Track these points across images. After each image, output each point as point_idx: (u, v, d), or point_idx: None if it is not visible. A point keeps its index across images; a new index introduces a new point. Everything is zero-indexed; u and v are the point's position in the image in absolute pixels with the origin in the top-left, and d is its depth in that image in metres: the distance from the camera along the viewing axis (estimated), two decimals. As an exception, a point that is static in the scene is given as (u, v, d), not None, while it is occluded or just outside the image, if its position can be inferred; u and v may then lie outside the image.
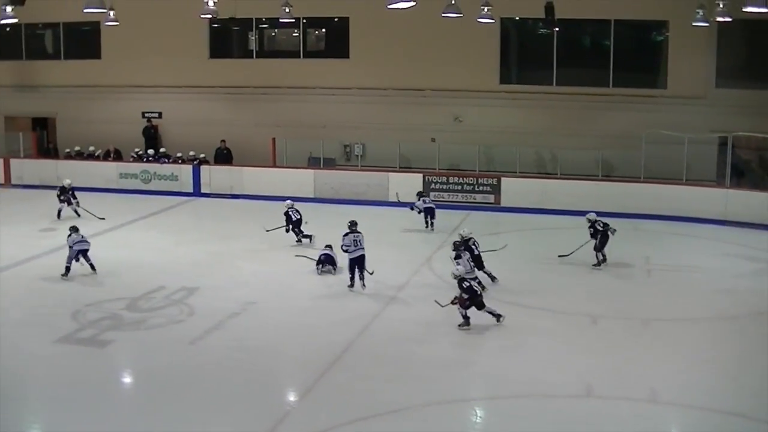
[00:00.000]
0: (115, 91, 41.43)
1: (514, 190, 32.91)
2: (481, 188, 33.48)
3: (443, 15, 29.56)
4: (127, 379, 18.43)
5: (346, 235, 23.33)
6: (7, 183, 39.11)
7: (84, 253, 24.90)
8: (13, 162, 39.69)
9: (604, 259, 25.77)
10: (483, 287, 21.57)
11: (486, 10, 31.28)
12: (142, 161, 38.32)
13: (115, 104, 41.49)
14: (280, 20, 35.59)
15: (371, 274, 23.25)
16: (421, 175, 34.01)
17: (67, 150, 40.59)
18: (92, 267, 24.87)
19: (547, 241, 28.63)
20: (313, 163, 36.85)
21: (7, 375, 17.79)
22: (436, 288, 22.90)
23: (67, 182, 33.14)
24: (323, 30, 40.72)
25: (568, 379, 17.19)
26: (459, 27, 32.79)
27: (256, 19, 39.46)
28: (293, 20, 36.05)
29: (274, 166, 36.34)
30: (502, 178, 33.48)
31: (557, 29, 36.14)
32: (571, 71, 36.62)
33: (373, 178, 34.20)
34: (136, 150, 39.11)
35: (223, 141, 38.33)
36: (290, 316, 21.22)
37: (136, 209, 33.54)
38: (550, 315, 21.36)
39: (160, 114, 40.81)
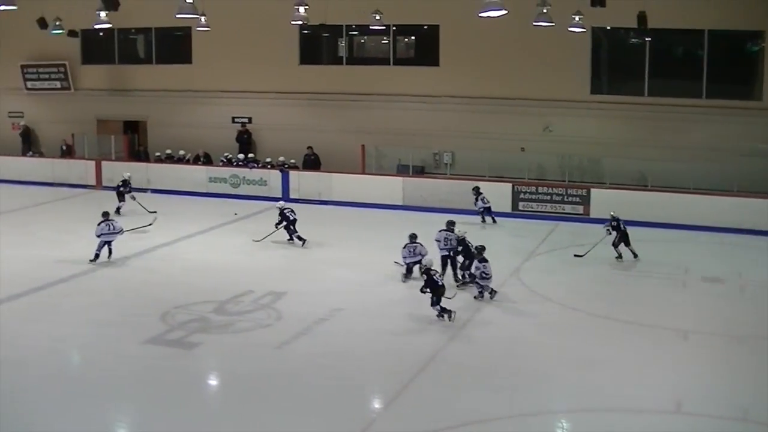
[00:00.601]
0: (205, 95, 41.84)
1: (603, 201, 32.45)
2: (570, 199, 33.22)
3: (535, 24, 29.52)
4: (213, 382, 18.62)
5: (405, 246, 24.31)
6: (99, 185, 39.70)
7: (109, 243, 26.68)
8: (105, 164, 40.28)
9: (620, 256, 27.21)
10: (493, 292, 23.03)
11: (577, 19, 31.10)
12: (232, 165, 38.60)
13: (205, 109, 41.90)
14: (370, 27, 35.85)
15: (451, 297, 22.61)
16: (510, 184, 33.86)
17: (158, 153, 41.05)
18: (110, 253, 26.78)
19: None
20: (402, 170, 36.83)
21: (97, 373, 18.18)
22: (525, 300, 22.86)
23: (127, 175, 34.50)
24: (413, 37, 40.66)
25: (656, 394, 16.98)
26: (550, 36, 32.57)
27: (346, 25, 39.54)
28: (383, 27, 36.22)
29: (363, 173, 36.38)
30: (592, 189, 33.17)
31: (649, 39, 35.75)
32: (664, 82, 36.05)
33: (461, 187, 34.05)
34: (226, 154, 39.40)
35: (310, 147, 38.46)
36: (377, 323, 21.21)
37: (224, 213, 33.80)
38: (639, 328, 21.05)
39: (249, 119, 41.08)
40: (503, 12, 23.47)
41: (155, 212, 32.15)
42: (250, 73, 40.56)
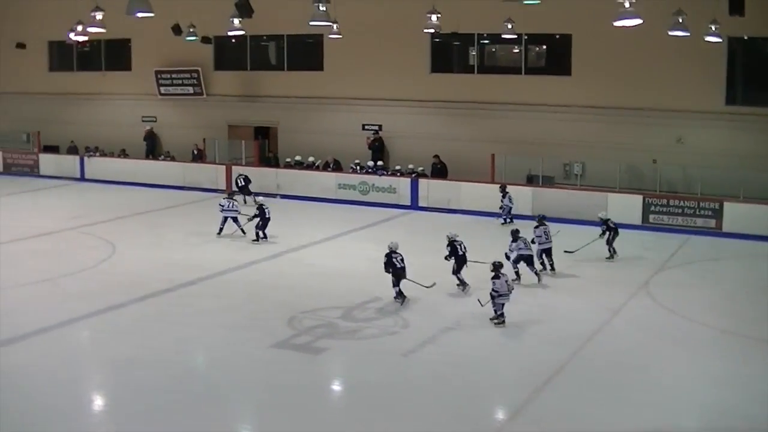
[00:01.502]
0: (336, 102, 42.04)
1: (737, 215, 31.79)
2: (702, 212, 32.52)
3: (670, 33, 29.04)
4: (339, 388, 18.67)
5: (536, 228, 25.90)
6: (229, 189, 40.04)
7: (235, 219, 30.30)
8: (235, 169, 40.71)
9: (615, 253, 28.47)
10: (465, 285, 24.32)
11: (714, 28, 30.53)
12: (361, 172, 38.72)
13: (335, 115, 42.12)
14: (502, 36, 35.67)
15: (430, 287, 23.82)
16: (640, 196, 33.32)
17: (288, 159, 41.34)
18: (242, 231, 30.22)
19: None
20: (532, 180, 36.55)
21: (224, 375, 18.39)
22: (654, 314, 22.53)
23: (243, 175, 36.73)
24: (544, 47, 40.33)
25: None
26: (684, 45, 31.97)
27: (477, 34, 39.39)
28: (515, 36, 36.01)
29: (493, 182, 36.16)
30: (725, 203, 32.43)
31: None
32: (802, 93, 35.25)
33: (591, 198, 33.66)
34: (356, 161, 39.54)
35: (437, 156, 38.34)
36: (504, 333, 21.05)
37: (353, 220, 33.93)
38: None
39: (380, 126, 41.14)
40: (638, 21, 23.18)
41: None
42: (381, 81, 40.69)
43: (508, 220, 33.85)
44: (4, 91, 51.61)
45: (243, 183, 37.87)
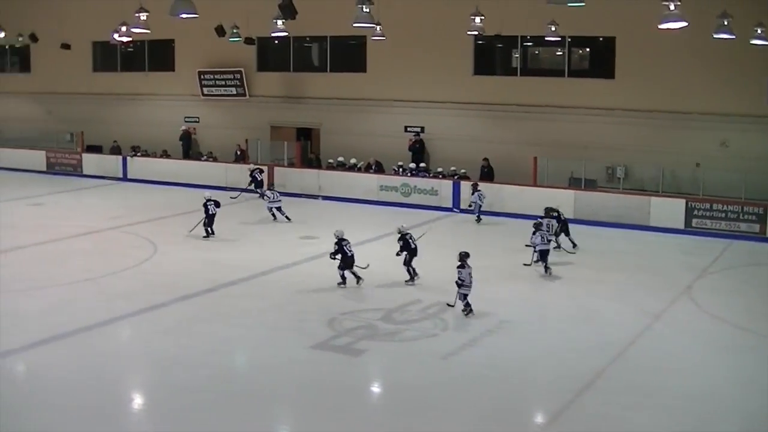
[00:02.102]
0: (378, 104, 42.06)
1: (782, 219, 31.68)
2: (746, 217, 32.23)
3: (715, 36, 28.85)
4: (378, 389, 18.62)
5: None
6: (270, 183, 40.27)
7: (278, 209, 33.02)
8: (277, 170, 40.85)
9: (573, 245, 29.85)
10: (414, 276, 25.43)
11: (759, 31, 30.31)
12: (403, 174, 38.67)
13: (377, 117, 42.14)
14: (546, 38, 35.54)
15: (365, 267, 25.29)
16: (683, 200, 33.08)
17: (330, 160, 41.37)
18: (287, 218, 32.93)
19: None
20: (574, 183, 36.35)
21: (262, 376, 18.48)
22: (696, 319, 22.40)
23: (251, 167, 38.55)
24: (587, 49, 40.15)
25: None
26: (730, 48, 31.71)
27: (521, 36, 39.27)
28: (558, 39, 35.89)
29: (535, 185, 36.02)
30: (770, 207, 32.26)
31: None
32: None
33: (633, 202, 33.50)
34: (399, 163, 39.50)
35: (486, 159, 38.24)
36: (544, 337, 20.96)
37: (394, 222, 33.81)
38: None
39: (422, 128, 41.08)
40: (683, 24, 23.04)
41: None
42: (423, 83, 40.64)
43: (478, 217, 34.75)
44: (48, 91, 52.02)
45: (259, 177, 38.80)
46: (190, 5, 23.78)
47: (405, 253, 25.55)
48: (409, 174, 38.58)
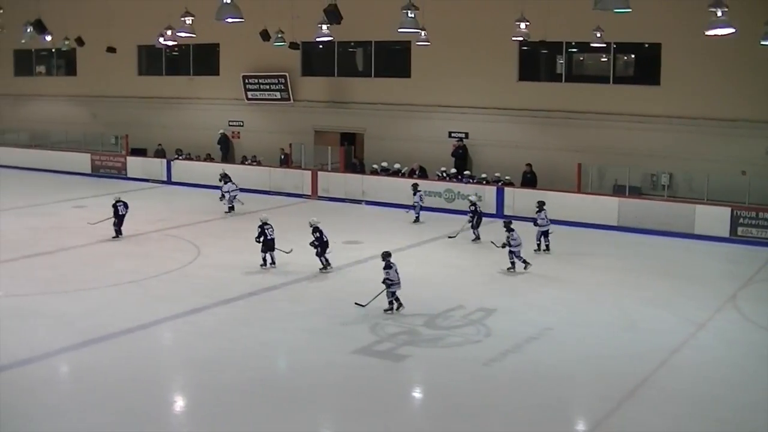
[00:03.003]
0: (422, 109, 42.01)
1: (829, 228, 31.33)
2: (792, 225, 32.02)
3: (762, 43, 28.64)
4: (419, 395, 18.53)
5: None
6: (314, 195, 40.36)
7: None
8: (321, 175, 40.91)
9: (478, 237, 31.76)
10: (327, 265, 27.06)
11: (808, 38, 30.06)
12: (447, 180, 38.58)
13: (421, 123, 42.08)
14: (591, 44, 35.38)
15: (288, 252, 27.30)
16: (729, 208, 32.75)
17: (374, 165, 41.39)
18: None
19: None
20: (618, 190, 36.13)
21: (303, 380, 18.47)
22: (741, 329, 22.17)
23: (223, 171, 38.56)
24: (632, 55, 39.88)
25: None
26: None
27: (565, 42, 39.10)
28: (604, 45, 35.73)
29: (578, 191, 35.86)
30: (817, 216, 31.92)
31: None
32: None
33: (678, 209, 33.28)
34: (442, 169, 39.42)
35: (529, 165, 38.10)
36: (587, 344, 20.80)
37: (438, 228, 33.81)
38: None
39: (466, 134, 40.98)
40: (731, 30, 22.87)
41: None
42: (467, 88, 40.57)
43: (417, 217, 35.85)
44: (93, 95, 52.43)
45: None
46: (237, 10, 23.86)
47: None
48: (453, 179, 38.41)
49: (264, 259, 27.18)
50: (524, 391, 17.87)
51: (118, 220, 31.41)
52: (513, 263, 27.33)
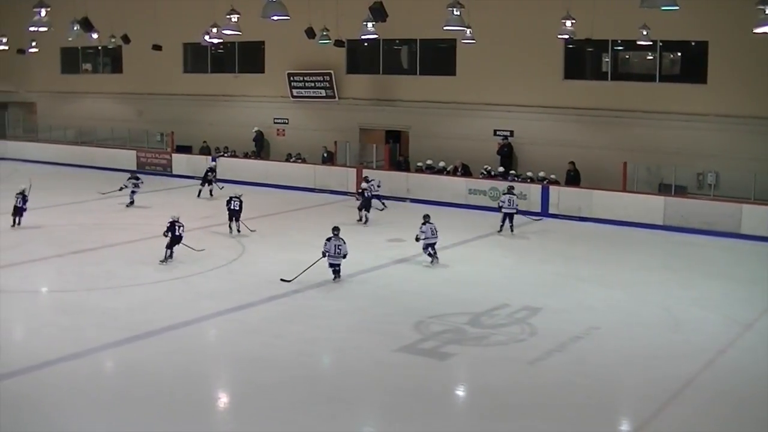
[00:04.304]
0: (467, 107, 41.93)
1: None
2: (841, 225, 31.70)
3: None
4: (463, 393, 18.49)
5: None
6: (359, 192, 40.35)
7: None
8: (366, 172, 40.82)
9: (366, 220, 34.16)
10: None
11: None
12: (492, 178, 38.49)
13: (466, 121, 42.01)
14: (637, 42, 35.18)
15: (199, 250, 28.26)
16: (776, 208, 32.60)
17: (419, 163, 41.36)
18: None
19: None
20: (664, 189, 35.89)
21: (349, 377, 18.53)
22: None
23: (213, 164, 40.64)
24: (679, 53, 39.61)
25: None
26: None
27: (611, 40, 38.88)
28: (650, 43, 35.52)
29: (624, 190, 35.68)
30: None
31: None
32: None
33: (725, 208, 33.04)
34: (486, 167, 39.33)
35: (572, 163, 37.96)
36: (633, 344, 20.64)
37: (483, 226, 33.74)
38: None
39: (511, 132, 40.89)
40: (780, 27, 22.69)
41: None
42: (513, 87, 40.46)
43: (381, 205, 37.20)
44: (139, 92, 52.71)
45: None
46: (282, 7, 23.93)
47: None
48: (499, 178, 38.31)
49: (165, 255, 27.73)
50: (569, 390, 17.77)
51: (16, 210, 32.22)
52: (430, 255, 27.92)
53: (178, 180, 45.20)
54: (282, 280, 24.88)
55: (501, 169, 39.03)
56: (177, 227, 27.75)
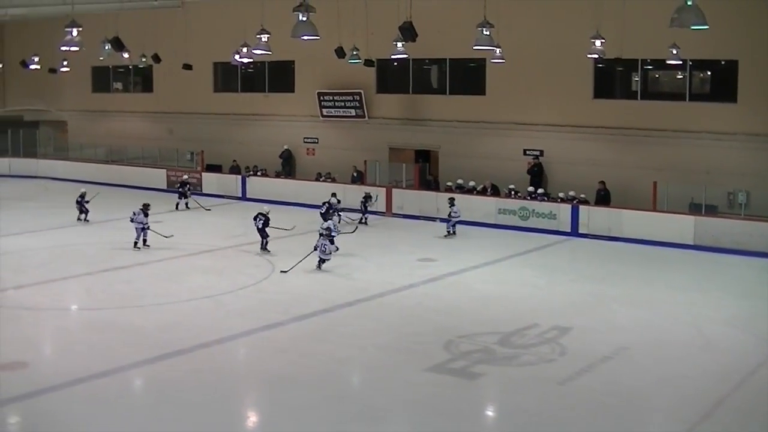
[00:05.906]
0: (497, 127, 41.91)
1: None
2: None
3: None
4: (493, 414, 18.47)
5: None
6: (389, 212, 40.41)
7: (144, 231, 32.63)
8: (395, 192, 40.97)
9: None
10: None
11: None
12: (521, 198, 38.43)
13: (496, 140, 41.97)
14: (667, 62, 35.11)
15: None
16: (808, 227, 32.40)
17: (449, 183, 41.32)
18: (144, 243, 32.62)
19: None
20: (695, 209, 35.72)
21: (379, 397, 18.46)
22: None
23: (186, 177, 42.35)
24: (709, 72, 39.51)
25: None
26: None
27: (641, 60, 38.81)
28: (680, 62, 35.43)
29: (654, 210, 35.56)
30: None
31: None
32: None
33: (756, 228, 32.87)
34: (510, 186, 39.20)
35: (602, 182, 37.86)
36: (663, 364, 20.55)
37: (512, 245, 33.73)
38: None
39: (541, 152, 40.85)
40: (810, 47, 22.62)
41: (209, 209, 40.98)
42: (543, 106, 40.47)
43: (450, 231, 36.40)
44: (169, 111, 52.99)
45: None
46: (312, 27, 23.97)
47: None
48: (529, 198, 38.27)
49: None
50: (599, 411, 17.70)
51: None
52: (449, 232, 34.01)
53: (208, 199, 45.22)
54: (282, 271, 25.77)
55: (530, 188, 38.94)
56: (257, 219, 31.69)
